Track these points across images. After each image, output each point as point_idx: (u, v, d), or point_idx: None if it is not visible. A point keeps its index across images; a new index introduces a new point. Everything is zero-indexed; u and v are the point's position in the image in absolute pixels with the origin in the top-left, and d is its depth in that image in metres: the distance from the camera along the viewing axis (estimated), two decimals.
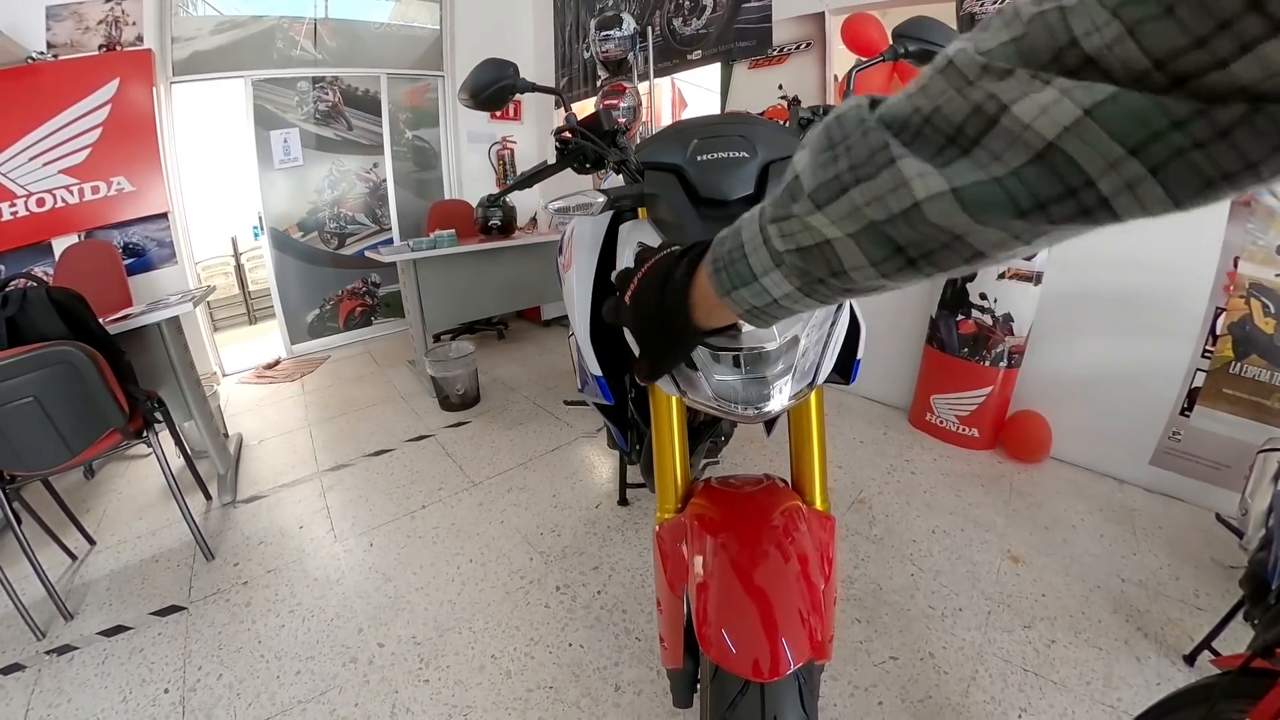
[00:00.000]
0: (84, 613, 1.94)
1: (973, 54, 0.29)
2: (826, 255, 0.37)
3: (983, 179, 0.29)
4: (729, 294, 0.45)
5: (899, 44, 1.07)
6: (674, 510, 0.97)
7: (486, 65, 1.06)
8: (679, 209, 0.84)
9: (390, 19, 4.79)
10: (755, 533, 0.85)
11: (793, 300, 0.42)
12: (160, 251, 3.93)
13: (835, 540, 0.92)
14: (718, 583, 0.80)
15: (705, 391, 0.82)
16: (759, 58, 3.51)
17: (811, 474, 0.97)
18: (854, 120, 0.34)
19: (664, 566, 0.92)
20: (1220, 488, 2.26)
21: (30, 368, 1.72)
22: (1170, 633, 1.69)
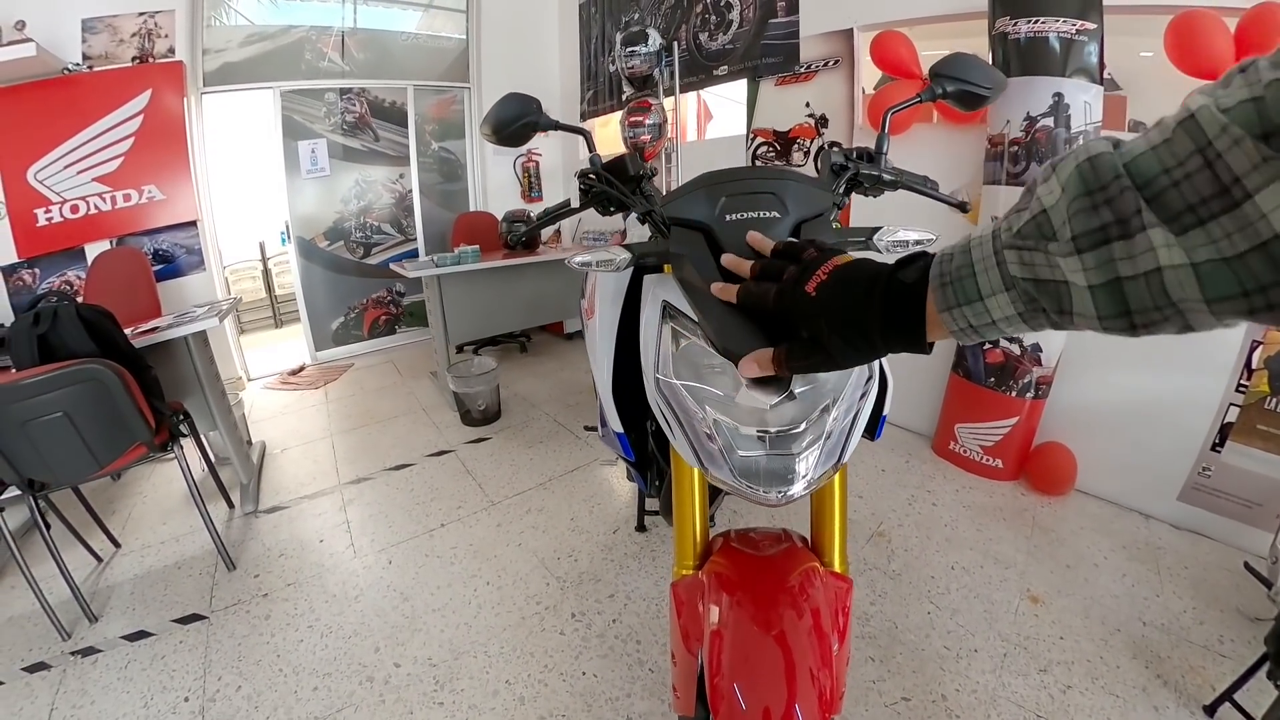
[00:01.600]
0: (108, 615, 2.01)
1: (1214, 111, 0.30)
2: (1061, 294, 0.39)
3: (1215, 257, 0.31)
4: (949, 309, 0.46)
5: (937, 84, 1.04)
6: (692, 567, 0.98)
7: (509, 101, 1.05)
8: (706, 271, 0.79)
9: (418, 29, 4.87)
10: (772, 596, 0.85)
11: (1010, 324, 0.44)
12: (189, 259, 4.05)
13: (851, 603, 0.92)
14: (731, 644, 0.81)
15: (725, 469, 0.81)
16: (786, 74, 3.51)
17: (832, 535, 0.97)
18: (1109, 169, 0.35)
19: (679, 623, 0.93)
20: (1251, 526, 2.21)
21: (60, 384, 1.79)
22: (1191, 681, 1.65)
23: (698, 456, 0.84)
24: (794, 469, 0.78)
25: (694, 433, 0.83)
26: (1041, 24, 2.33)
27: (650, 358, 0.89)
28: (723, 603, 0.85)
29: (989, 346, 2.64)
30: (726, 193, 0.85)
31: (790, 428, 0.78)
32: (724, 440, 0.80)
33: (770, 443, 0.78)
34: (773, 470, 0.79)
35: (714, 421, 0.80)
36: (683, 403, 0.83)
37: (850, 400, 0.83)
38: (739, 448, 0.79)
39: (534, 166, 5.61)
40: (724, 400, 0.80)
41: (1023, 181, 2.43)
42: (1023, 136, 2.42)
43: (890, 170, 1.02)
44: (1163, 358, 2.36)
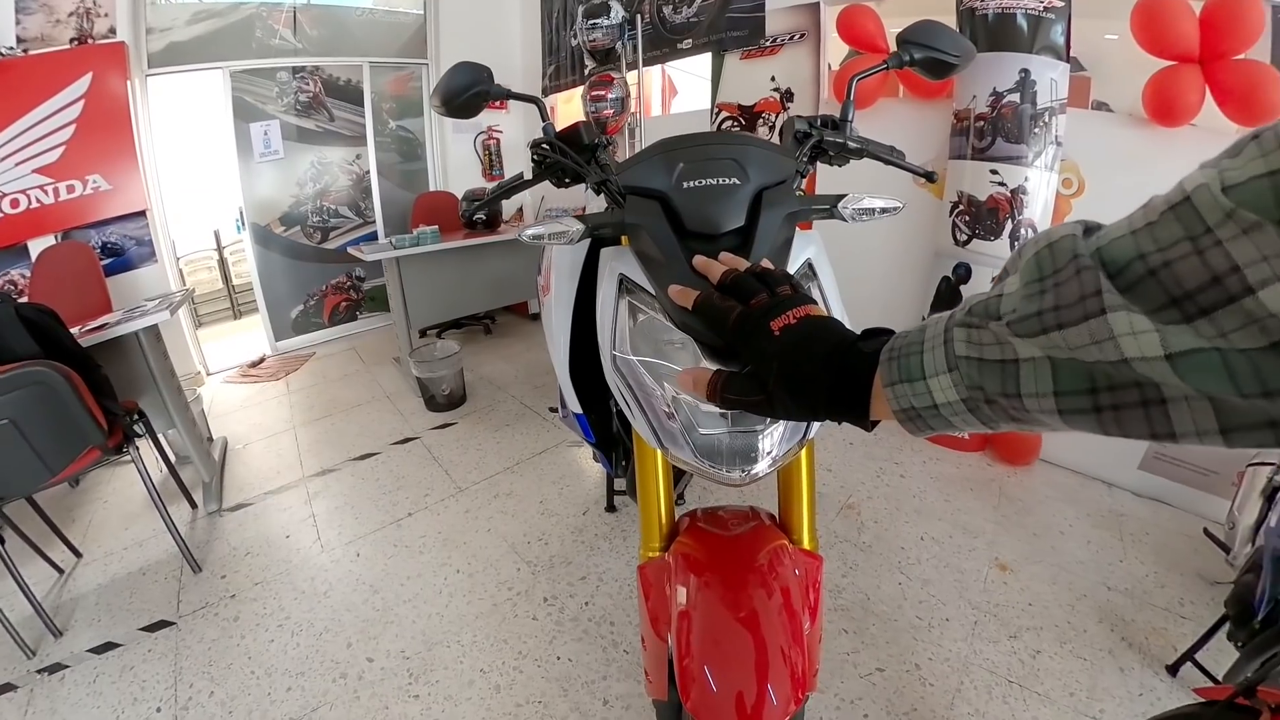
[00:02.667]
0: (73, 629, 1.95)
1: (1216, 194, 0.25)
2: (1007, 374, 0.36)
3: (1204, 346, 0.26)
4: (891, 385, 0.43)
5: (903, 50, 1.01)
6: (658, 549, 0.97)
7: (459, 69, 1.02)
8: (663, 242, 0.77)
9: (374, 4, 4.73)
10: (740, 576, 0.84)
11: (952, 412, 0.41)
12: (139, 250, 3.90)
13: (821, 579, 0.93)
14: (700, 625, 0.80)
15: (687, 449, 0.79)
16: (751, 48, 3.49)
17: (800, 512, 0.96)
18: (1067, 252, 0.32)
19: (648, 606, 0.92)
20: (1208, 493, 2.30)
21: (3, 390, 1.71)
22: (1154, 642, 1.72)
23: (658, 436, 0.82)
24: (757, 447, 0.78)
25: (653, 411, 0.81)
26: (1009, 0, 2.35)
27: (607, 334, 0.85)
28: (690, 584, 0.85)
29: None
30: (684, 159, 0.82)
31: None
32: (684, 418, 0.78)
33: (732, 419, 0.77)
34: (735, 448, 0.78)
35: (673, 399, 0.78)
36: (641, 380, 0.82)
37: None
38: (700, 426, 0.78)
39: (495, 144, 5.50)
40: None
41: (989, 156, 2.47)
42: (989, 111, 2.45)
43: (856, 138, 1.00)
44: None
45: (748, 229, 0.79)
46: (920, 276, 2.88)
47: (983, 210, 2.51)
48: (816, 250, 0.88)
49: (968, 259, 2.60)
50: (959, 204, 2.59)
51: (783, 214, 0.79)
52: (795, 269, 0.83)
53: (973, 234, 2.57)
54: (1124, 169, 2.38)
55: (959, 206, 2.59)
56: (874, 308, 3.16)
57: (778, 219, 0.79)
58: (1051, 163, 2.41)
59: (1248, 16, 2.01)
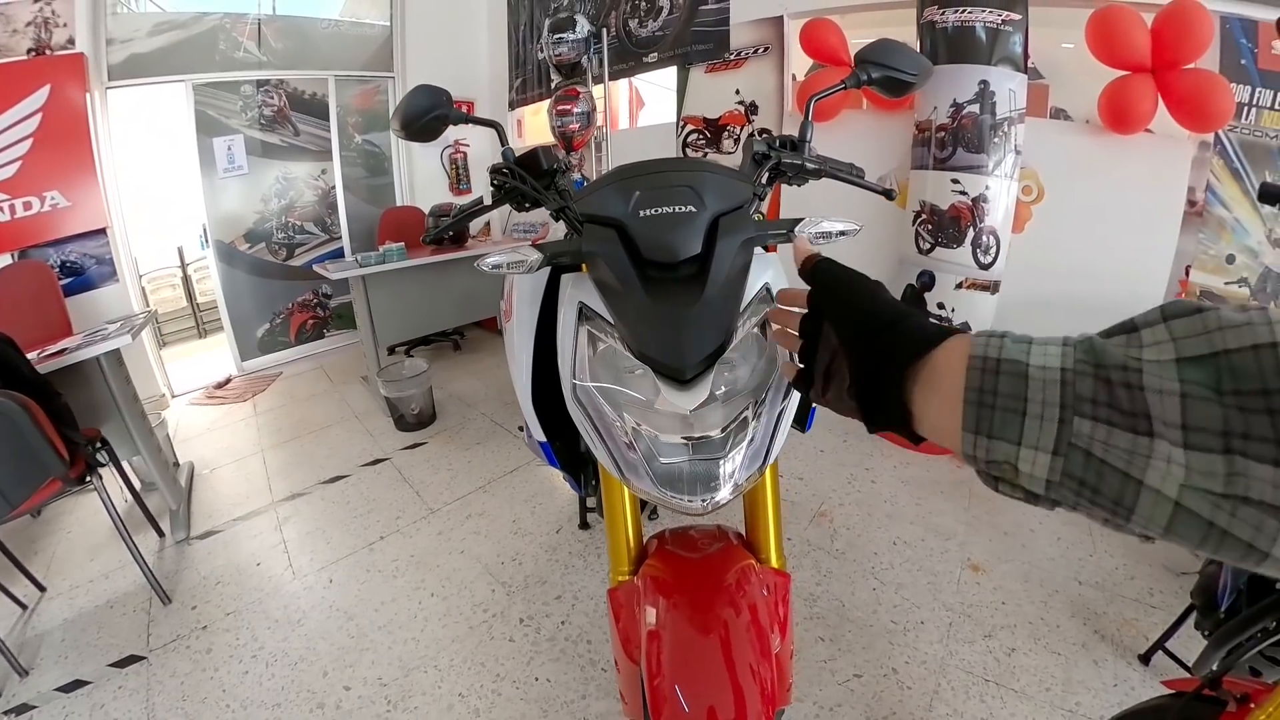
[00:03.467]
0: (40, 667, 1.89)
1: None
2: (1126, 489, 0.30)
3: None
4: (971, 430, 0.36)
5: (861, 70, 1.02)
6: (628, 573, 0.98)
7: (418, 92, 1.04)
8: (620, 272, 0.78)
9: (341, 15, 4.70)
10: (709, 596, 0.86)
11: (1031, 482, 0.34)
12: (100, 269, 3.81)
13: (790, 596, 0.94)
14: (670, 646, 0.81)
15: (647, 479, 0.79)
16: (716, 61, 3.54)
17: (766, 531, 0.98)
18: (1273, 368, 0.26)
19: (618, 629, 0.93)
20: None
21: None
22: (1126, 633, 1.77)
23: (618, 466, 0.82)
24: (719, 474, 0.78)
25: (613, 441, 0.81)
26: (968, 14, 2.42)
27: (567, 362, 0.86)
28: (659, 606, 0.86)
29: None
30: (641, 187, 0.83)
31: (713, 433, 0.77)
32: (644, 448, 0.78)
33: (693, 448, 0.78)
34: (696, 476, 0.78)
35: (633, 429, 0.78)
36: (600, 410, 0.82)
37: (774, 400, 0.82)
38: (660, 455, 0.78)
39: (462, 158, 5.50)
40: (643, 405, 0.78)
41: (950, 166, 2.52)
42: (949, 122, 2.51)
43: (814, 158, 1.00)
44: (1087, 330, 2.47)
45: (705, 255, 0.79)
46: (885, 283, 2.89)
47: (945, 219, 2.57)
48: (775, 273, 0.89)
49: (931, 267, 2.66)
50: (921, 213, 2.65)
51: (739, 240, 0.80)
52: (753, 293, 0.83)
53: (935, 242, 2.62)
54: (1082, 175, 2.47)
55: (921, 215, 2.65)
56: None
57: (734, 246, 0.79)
58: (1012, 171, 2.48)
59: (1197, 27, 2.10)
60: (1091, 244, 2.47)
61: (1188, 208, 2.31)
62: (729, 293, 0.79)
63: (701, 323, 0.75)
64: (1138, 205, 2.38)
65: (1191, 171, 2.30)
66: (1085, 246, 2.49)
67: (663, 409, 0.77)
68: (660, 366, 0.76)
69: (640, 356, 0.76)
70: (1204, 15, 2.09)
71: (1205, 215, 2.29)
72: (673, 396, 0.75)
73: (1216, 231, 2.29)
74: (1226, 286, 2.30)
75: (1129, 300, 2.34)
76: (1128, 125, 2.30)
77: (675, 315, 0.74)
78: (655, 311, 0.75)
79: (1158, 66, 2.21)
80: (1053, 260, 2.54)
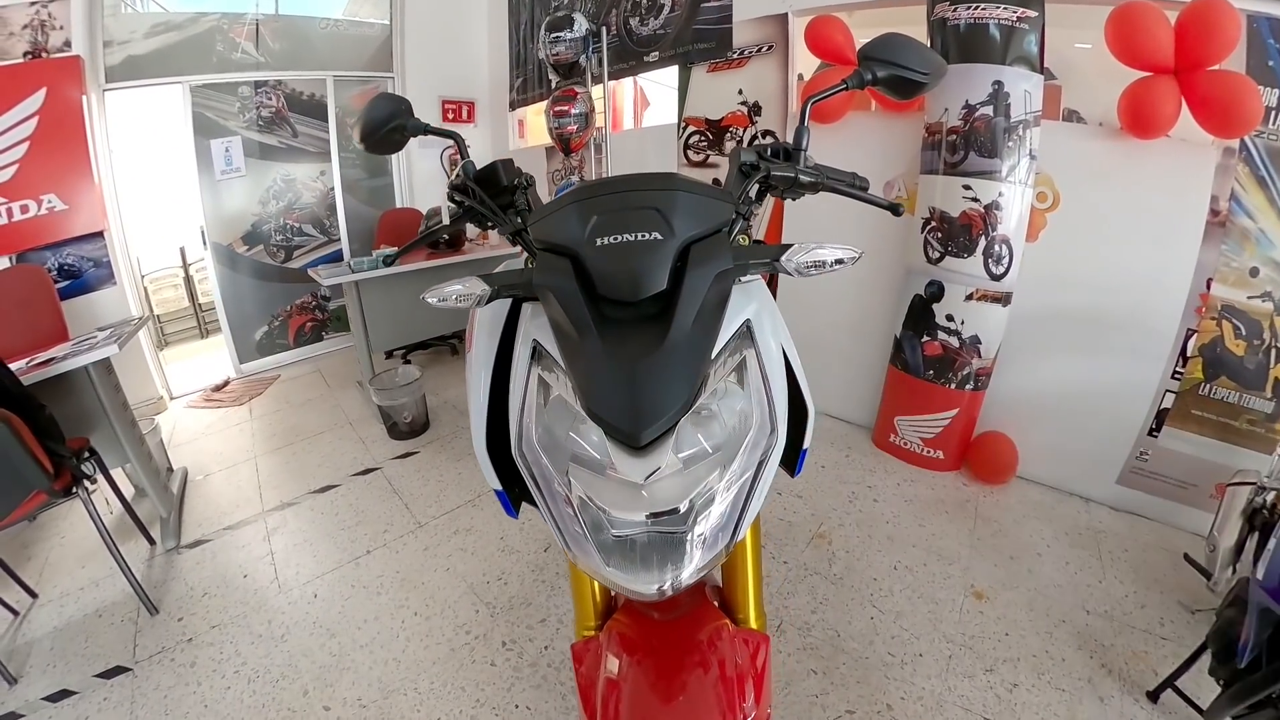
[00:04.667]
0: (28, 675, 1.92)
1: None
2: None
3: None
4: None
5: (865, 68, 0.91)
6: (593, 628, 0.94)
7: (377, 102, 0.98)
8: (572, 311, 0.69)
9: (342, 14, 4.73)
10: (676, 659, 0.80)
11: None
12: (97, 272, 3.83)
13: (768, 662, 0.86)
14: (629, 714, 0.76)
15: (595, 555, 0.68)
16: (718, 60, 3.50)
17: (745, 589, 0.92)
18: None
19: (580, 689, 0.88)
20: (1187, 506, 2.34)
21: None
22: (1134, 667, 1.73)
23: (565, 543, 0.71)
24: (681, 550, 0.67)
25: (557, 509, 0.71)
26: (982, 10, 2.35)
27: (515, 406, 0.76)
28: (622, 666, 0.81)
29: (926, 339, 2.69)
30: (599, 209, 0.73)
31: (674, 506, 0.66)
32: (592, 517, 0.68)
33: (651, 519, 0.66)
34: (653, 552, 0.68)
35: (579, 499, 0.68)
36: (545, 471, 0.71)
37: (749, 459, 0.71)
38: (612, 524, 0.67)
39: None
40: (595, 468, 0.68)
41: (961, 171, 2.46)
42: (961, 125, 2.45)
43: (809, 170, 0.89)
44: (1101, 347, 2.45)
45: (673, 291, 0.70)
46: (892, 293, 2.88)
47: (956, 227, 2.52)
48: (758, 308, 0.78)
49: (940, 277, 2.60)
50: (931, 220, 2.59)
51: (713, 272, 0.70)
52: (731, 333, 0.73)
53: (945, 251, 2.57)
54: (1100, 181, 2.39)
55: (931, 223, 2.60)
56: (846, 324, 3.17)
57: (706, 279, 0.69)
58: (1026, 177, 2.41)
59: (1223, 26, 2.02)
60: (1108, 254, 2.40)
61: (1210, 217, 2.23)
62: (700, 335, 0.69)
63: (663, 376, 0.65)
64: (1157, 214, 2.31)
65: (1215, 179, 2.22)
66: (1102, 257, 2.41)
67: (615, 475, 0.66)
68: (610, 429, 0.66)
69: (590, 414, 0.66)
70: (1231, 13, 2.00)
71: (1228, 225, 2.21)
72: (624, 464, 0.65)
73: (1240, 243, 2.21)
74: (1250, 301, 2.22)
75: (1145, 315, 2.33)
76: (1149, 129, 2.23)
77: (630, 369, 0.65)
78: (608, 363, 0.66)
79: (1181, 67, 2.13)
80: (1068, 271, 2.47)
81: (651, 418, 0.64)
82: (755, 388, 0.73)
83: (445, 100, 5.37)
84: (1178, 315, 2.30)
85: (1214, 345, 2.28)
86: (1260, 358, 2.23)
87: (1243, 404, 2.25)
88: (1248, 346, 2.23)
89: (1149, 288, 2.34)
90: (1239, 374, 2.25)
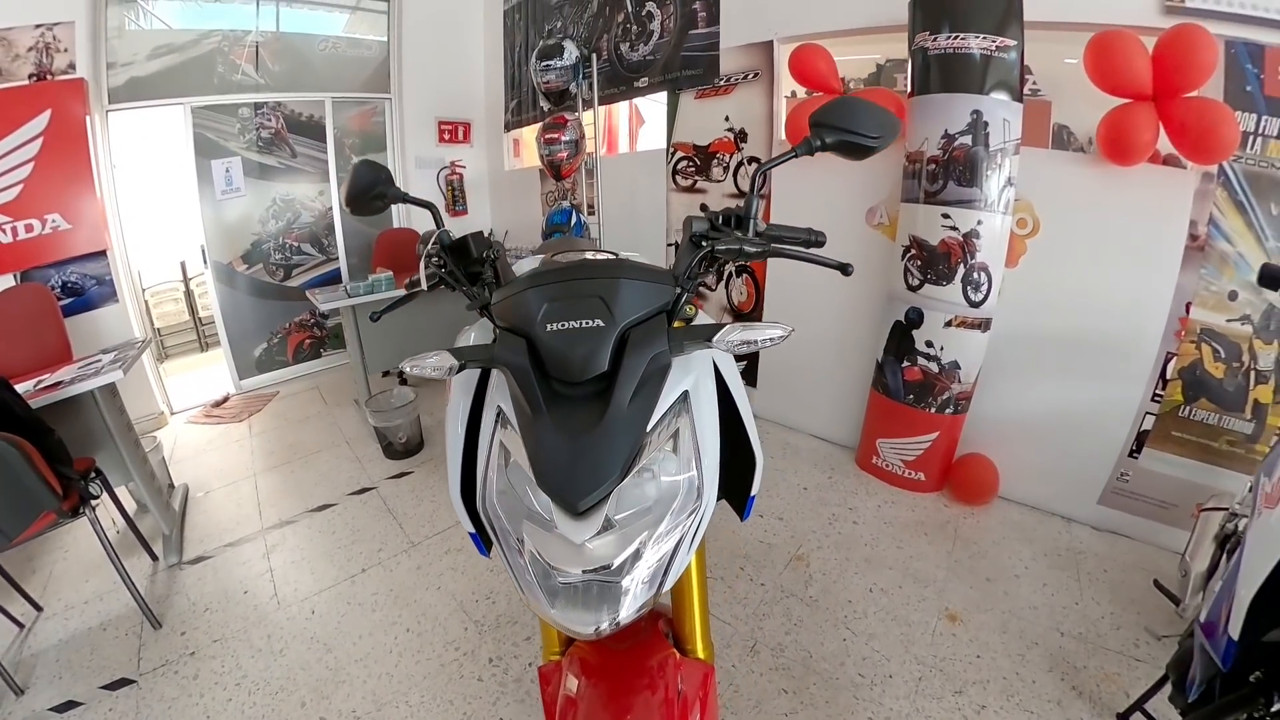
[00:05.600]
0: (35, 686, 2.02)
1: None
2: None
3: None
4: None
5: (815, 135, 0.97)
6: (558, 652, 1.06)
7: (360, 169, 1.12)
8: (525, 388, 0.79)
9: (342, 30, 4.88)
10: (627, 683, 0.93)
11: None
12: (100, 290, 3.98)
13: (713, 687, 0.98)
14: None
15: (543, 600, 0.79)
16: (706, 87, 3.61)
17: (692, 623, 1.04)
18: None
19: (545, 708, 1.01)
20: (1167, 525, 2.43)
21: None
22: (1106, 689, 1.80)
23: (517, 582, 0.82)
24: (618, 595, 0.77)
25: (512, 559, 0.82)
26: (961, 40, 2.43)
27: (481, 467, 0.88)
28: (580, 687, 0.93)
29: (906, 364, 2.79)
30: (551, 296, 0.83)
31: (606, 562, 0.76)
32: (540, 568, 0.78)
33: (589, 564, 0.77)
34: (592, 596, 0.78)
35: (530, 553, 0.79)
36: (503, 526, 0.84)
37: (673, 523, 0.81)
38: (556, 575, 0.78)
39: (458, 179, 5.67)
40: (544, 526, 0.79)
41: (941, 200, 2.55)
42: (940, 154, 2.54)
43: (757, 240, 0.94)
44: (1081, 369, 2.54)
45: (611, 374, 0.79)
46: (874, 317, 2.99)
47: (935, 255, 2.61)
48: (696, 379, 0.88)
49: (919, 303, 2.71)
50: (911, 248, 2.69)
51: (649, 355, 0.79)
52: (669, 404, 0.83)
53: (924, 279, 2.67)
54: (1080, 207, 2.48)
55: (911, 250, 2.69)
56: (830, 346, 3.29)
57: (643, 362, 0.79)
58: (1005, 205, 2.50)
59: (1201, 53, 2.09)
60: (1088, 279, 2.49)
61: (1189, 241, 2.31)
62: (636, 411, 0.78)
63: (600, 451, 0.75)
64: (1137, 238, 2.40)
65: (1194, 204, 2.30)
66: (1082, 281, 2.51)
67: (558, 535, 0.77)
68: (554, 496, 0.76)
69: (538, 480, 0.76)
70: (1208, 40, 2.08)
71: (1207, 249, 2.29)
72: (566, 526, 0.75)
73: (1219, 266, 2.29)
74: (1229, 324, 2.29)
75: (1125, 337, 2.42)
76: (1128, 156, 2.30)
77: (572, 445, 0.75)
78: (552, 438, 0.76)
79: (1159, 94, 2.21)
80: (1048, 295, 2.57)
81: (589, 487, 0.74)
82: (685, 457, 0.83)
83: (442, 121, 5.51)
84: (1157, 338, 2.39)
85: (1193, 368, 2.36)
86: (1239, 380, 2.30)
87: (1222, 425, 2.33)
88: (1227, 369, 2.31)
89: (1129, 311, 2.42)
90: (1219, 396, 2.33)
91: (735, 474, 1.02)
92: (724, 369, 0.99)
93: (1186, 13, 2.20)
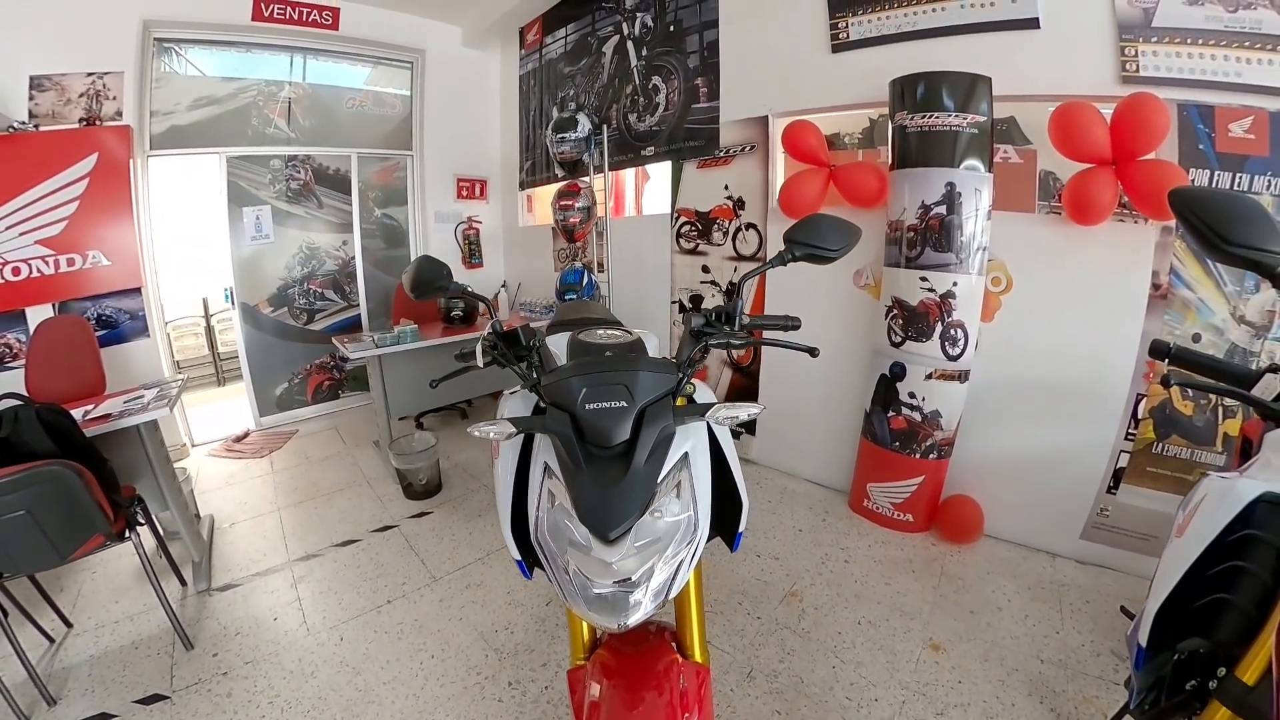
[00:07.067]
0: (67, 698, 2.11)
1: None
2: None
3: None
4: None
5: (788, 249, 1.26)
6: (583, 658, 1.28)
7: (424, 263, 1.38)
8: (569, 451, 1.04)
9: (366, 83, 5.21)
10: (641, 681, 1.16)
11: None
12: (133, 324, 4.21)
13: (708, 687, 1.22)
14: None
15: (581, 603, 1.03)
16: (707, 158, 3.89)
17: (691, 630, 1.27)
18: None
19: (574, 703, 1.23)
20: (1148, 556, 2.55)
21: (23, 485, 1.95)
22: (1084, 712, 1.92)
23: (561, 592, 1.07)
24: (633, 602, 1.01)
25: (559, 573, 1.07)
26: (935, 118, 2.68)
27: (533, 506, 1.13)
28: (603, 686, 1.16)
29: (892, 414, 3.00)
30: (589, 384, 1.08)
31: (630, 575, 1.00)
32: (579, 581, 1.02)
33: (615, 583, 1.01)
34: (616, 602, 1.01)
35: (573, 570, 1.03)
36: (551, 550, 1.07)
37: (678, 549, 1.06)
38: (592, 586, 1.01)
39: (474, 233, 5.95)
40: (583, 549, 1.02)
41: (919, 264, 2.78)
42: (918, 223, 2.78)
43: (741, 334, 1.26)
44: (1057, 414, 2.74)
45: (633, 440, 1.04)
46: (861, 371, 3.20)
47: (915, 314, 2.83)
48: (694, 444, 1.13)
49: (902, 359, 2.92)
50: (893, 308, 2.92)
51: (659, 427, 1.05)
52: (672, 464, 1.08)
53: (906, 336, 2.89)
54: (1049, 264, 2.69)
55: (893, 310, 2.92)
56: (824, 398, 3.51)
57: (654, 433, 1.05)
58: (979, 266, 2.72)
59: (1154, 118, 2.29)
60: (1060, 330, 2.68)
61: (1152, 290, 2.47)
62: (650, 468, 1.04)
63: (625, 497, 1.00)
64: (1104, 290, 2.57)
65: (1155, 255, 2.46)
66: (1054, 332, 2.70)
67: (596, 556, 1.00)
68: (591, 528, 1.01)
69: (580, 517, 1.01)
70: (1160, 107, 2.28)
71: (1170, 297, 2.44)
72: (600, 550, 1.00)
73: (1181, 312, 2.43)
74: None
75: (1096, 382, 2.66)
76: (1091, 217, 2.48)
77: (604, 492, 1.00)
78: (590, 486, 1.01)
79: (1118, 158, 2.39)
80: (1022, 347, 2.78)
81: (617, 521, 0.99)
82: (686, 501, 1.09)
83: (460, 178, 5.80)
84: (1127, 381, 2.56)
85: (1163, 407, 2.52)
86: (1208, 416, 2.46)
87: (1195, 459, 2.48)
88: (1195, 406, 2.48)
89: (1100, 358, 2.60)
90: (1189, 432, 2.49)
91: (727, 513, 1.28)
92: (718, 433, 1.26)
93: (1142, 81, 2.41)
